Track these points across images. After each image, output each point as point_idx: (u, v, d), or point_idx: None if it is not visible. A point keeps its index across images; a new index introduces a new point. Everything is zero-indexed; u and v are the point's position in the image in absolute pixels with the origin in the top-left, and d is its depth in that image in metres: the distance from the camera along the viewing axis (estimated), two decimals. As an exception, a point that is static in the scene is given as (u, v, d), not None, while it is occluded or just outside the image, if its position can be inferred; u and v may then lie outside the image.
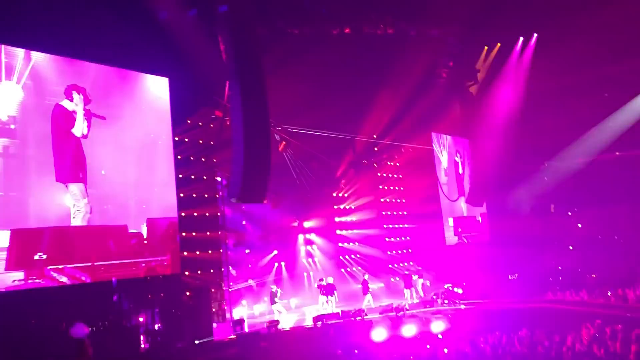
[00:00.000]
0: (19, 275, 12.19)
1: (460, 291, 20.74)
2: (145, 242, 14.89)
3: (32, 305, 12.11)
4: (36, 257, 12.53)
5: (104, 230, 14.06)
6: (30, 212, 12.68)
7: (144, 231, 14.90)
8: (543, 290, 20.61)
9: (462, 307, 18.73)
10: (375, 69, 19.61)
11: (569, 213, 28.19)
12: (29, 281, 12.32)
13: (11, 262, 12.10)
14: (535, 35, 20.80)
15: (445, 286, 20.94)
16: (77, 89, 13.78)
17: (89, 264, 13.47)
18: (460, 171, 26.20)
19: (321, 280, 18.74)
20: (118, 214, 14.46)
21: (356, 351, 13.20)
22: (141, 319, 13.89)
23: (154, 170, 15.59)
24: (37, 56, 13.06)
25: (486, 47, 21.47)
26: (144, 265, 14.69)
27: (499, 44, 21.33)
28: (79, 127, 13.77)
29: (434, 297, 19.81)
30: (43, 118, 13.12)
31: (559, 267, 24.38)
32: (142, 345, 13.54)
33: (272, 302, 17.29)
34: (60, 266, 12.90)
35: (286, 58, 17.13)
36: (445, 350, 12.03)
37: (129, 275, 14.25)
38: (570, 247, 26.36)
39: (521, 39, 21.04)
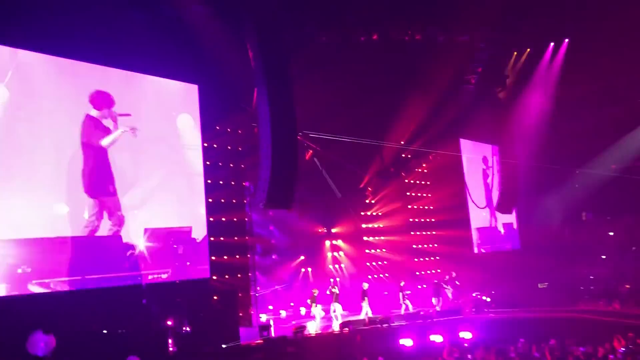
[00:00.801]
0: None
1: (488, 299, 20.50)
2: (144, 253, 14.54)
3: (60, 308, 12.33)
4: (19, 271, 12.00)
5: (98, 241, 13.58)
6: (11, 222, 11.99)
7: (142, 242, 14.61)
8: (574, 299, 20.23)
9: (491, 315, 18.50)
10: (403, 76, 19.56)
11: (601, 221, 27.58)
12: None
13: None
14: (567, 40, 20.49)
15: (474, 294, 20.72)
16: (102, 95, 13.87)
17: (79, 277, 12.97)
18: (489, 179, 25.93)
19: (332, 287, 18.40)
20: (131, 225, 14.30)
21: (380, 359, 13.15)
22: (169, 323, 14.05)
23: (177, 178, 15.79)
24: (28, 56, 12.59)
25: (515, 53, 21.22)
26: (139, 279, 14.37)
27: (528, 49, 21.05)
28: (111, 137, 14.05)
29: (462, 305, 19.60)
30: (36, 124, 12.73)
31: (591, 277, 23.90)
32: (170, 349, 13.70)
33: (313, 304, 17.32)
34: (46, 280, 12.40)
35: (314, 64, 17.22)
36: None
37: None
38: (603, 257, 25.81)
39: (552, 44, 20.74)
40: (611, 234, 26.56)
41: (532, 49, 21.01)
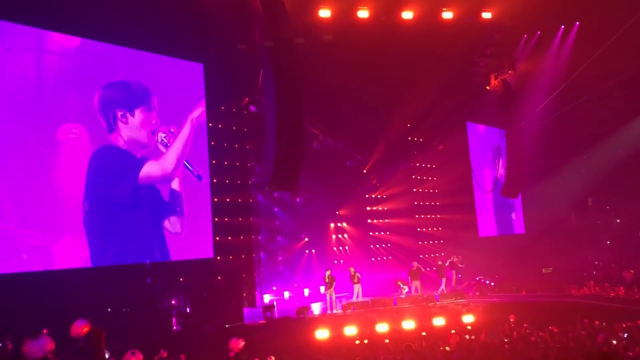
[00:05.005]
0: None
1: (492, 283, 20.50)
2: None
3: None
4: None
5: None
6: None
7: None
8: (578, 285, 20.21)
9: (494, 299, 18.51)
10: (410, 58, 19.28)
11: (607, 207, 27.49)
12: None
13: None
14: (577, 23, 20.14)
15: (477, 278, 20.72)
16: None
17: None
18: (495, 162, 25.81)
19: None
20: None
21: (387, 341, 13.21)
22: (173, 302, 14.12)
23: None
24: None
25: (525, 35, 20.90)
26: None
27: (538, 32, 20.71)
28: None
29: (466, 288, 19.61)
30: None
31: (596, 262, 23.88)
32: (174, 328, 13.78)
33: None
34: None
35: (320, 46, 16.98)
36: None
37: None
38: (608, 242, 25.79)
39: (562, 27, 20.41)
40: (618, 221, 26.50)
41: (542, 31, 20.67)
